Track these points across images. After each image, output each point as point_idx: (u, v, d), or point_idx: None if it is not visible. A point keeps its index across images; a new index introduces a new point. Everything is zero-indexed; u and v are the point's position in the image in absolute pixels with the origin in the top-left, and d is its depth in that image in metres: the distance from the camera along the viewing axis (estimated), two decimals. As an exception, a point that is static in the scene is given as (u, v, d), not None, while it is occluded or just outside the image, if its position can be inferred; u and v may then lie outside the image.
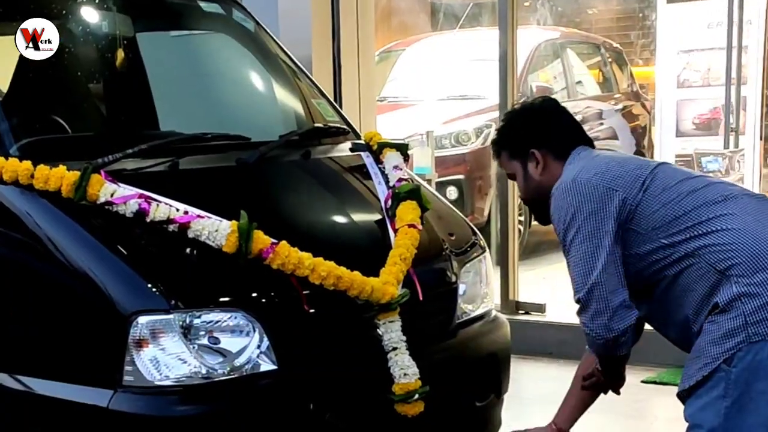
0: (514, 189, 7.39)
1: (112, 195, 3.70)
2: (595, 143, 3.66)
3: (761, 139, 10.37)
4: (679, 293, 3.14)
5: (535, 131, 3.45)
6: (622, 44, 13.22)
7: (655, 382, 6.01)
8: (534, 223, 10.31)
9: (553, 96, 11.07)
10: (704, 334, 3.06)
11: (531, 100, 3.65)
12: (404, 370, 3.79)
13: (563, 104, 3.55)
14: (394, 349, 3.81)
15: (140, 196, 3.72)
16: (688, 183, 3.21)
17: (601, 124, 11.41)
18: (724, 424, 3.01)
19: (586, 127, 11.49)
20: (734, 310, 2.99)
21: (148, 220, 3.68)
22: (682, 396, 3.18)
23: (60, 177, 3.70)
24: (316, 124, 4.84)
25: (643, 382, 6.03)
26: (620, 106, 11.93)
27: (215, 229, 3.66)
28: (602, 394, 3.68)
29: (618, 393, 3.70)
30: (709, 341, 3.03)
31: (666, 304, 3.18)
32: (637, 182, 3.19)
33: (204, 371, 3.55)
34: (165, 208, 3.70)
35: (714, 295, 3.04)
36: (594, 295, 3.16)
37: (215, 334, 3.59)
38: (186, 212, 3.71)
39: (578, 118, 11.46)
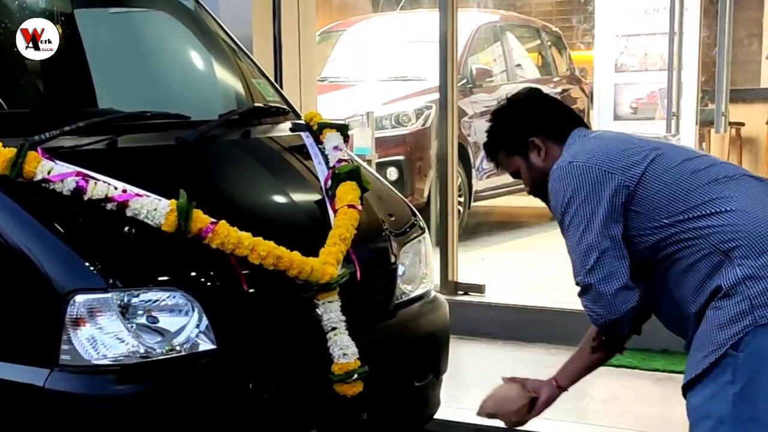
0: (453, 170, 7.41)
1: (49, 172, 3.67)
2: None
3: (697, 124, 10.48)
4: (679, 273, 3.10)
5: (531, 119, 3.40)
6: (563, 28, 13.30)
7: (591, 363, 6.06)
8: (474, 203, 10.37)
9: (491, 80, 11.13)
10: (707, 320, 3.01)
11: (514, 93, 3.58)
12: (343, 350, 3.80)
13: (505, 86, 3.55)
14: (334, 329, 3.81)
15: (78, 173, 3.68)
16: (690, 163, 3.17)
17: (541, 107, 11.46)
18: (733, 412, 2.95)
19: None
20: (739, 294, 2.95)
21: (85, 198, 3.65)
22: (686, 388, 3.14)
23: (-4, 154, 3.65)
24: (256, 104, 4.82)
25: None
26: (559, 89, 12.00)
27: (154, 208, 3.64)
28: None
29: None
30: (714, 327, 2.98)
31: (664, 283, 3.15)
32: (637, 163, 3.14)
33: (142, 350, 3.54)
34: (103, 187, 3.67)
35: (716, 277, 3.00)
36: (594, 277, 3.14)
37: (154, 314, 3.57)
38: (124, 191, 3.69)
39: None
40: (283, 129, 4.65)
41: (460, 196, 8.94)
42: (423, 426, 4.58)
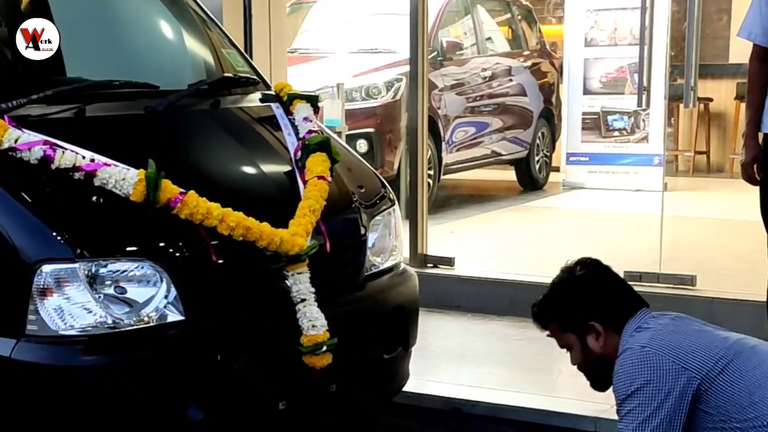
0: (423, 143, 7.41)
1: (16, 141, 3.64)
2: (504, 100, 3.61)
3: (666, 98, 10.52)
4: None
5: (594, 302, 3.28)
6: (533, 2, 13.29)
7: (559, 336, 6.09)
8: (444, 177, 10.39)
9: (462, 53, 11.11)
10: None
11: (574, 266, 3.43)
12: (312, 321, 3.80)
13: (475, 59, 3.47)
14: (303, 300, 3.81)
15: (45, 142, 3.66)
16: (765, 367, 3.09)
17: (510, 80, 11.49)
18: None
19: (495, 84, 11.57)
20: None
21: (53, 167, 3.62)
22: None
23: (-38, 122, 3.62)
24: (226, 74, 4.79)
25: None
26: (529, 63, 12.01)
27: (122, 178, 3.62)
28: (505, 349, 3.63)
29: None
30: None
31: None
32: (713, 362, 3.06)
33: (110, 321, 3.52)
34: (71, 156, 3.64)
35: None
36: None
37: (122, 284, 3.56)
38: (92, 160, 3.66)
39: (488, 74, 11.49)
40: (253, 99, 4.62)
41: (429, 169, 8.94)
42: (392, 398, 4.59)
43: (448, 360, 5.85)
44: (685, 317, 3.25)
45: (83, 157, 3.65)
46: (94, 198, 3.64)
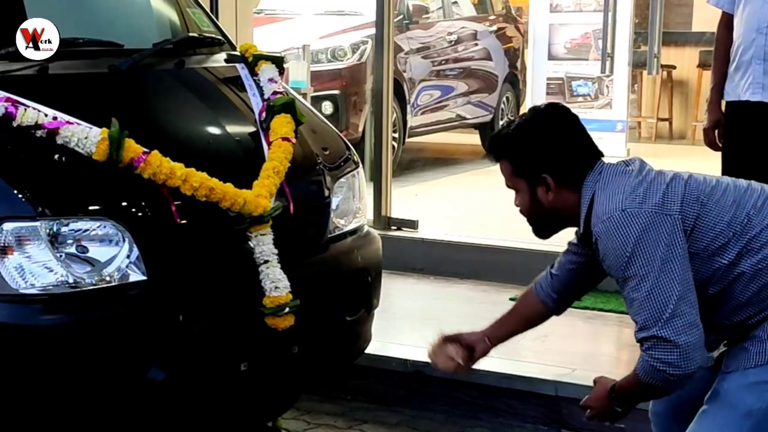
0: (388, 106, 7.40)
1: (-24, 98, 3.60)
2: (470, 64, 3.56)
3: (630, 65, 10.55)
4: (722, 301, 3.01)
5: (551, 154, 3.09)
6: (500, -34, 13.24)
7: (521, 300, 6.12)
8: (408, 140, 10.39)
9: (428, 16, 11.08)
10: None
11: (542, 108, 3.25)
12: (275, 283, 3.79)
13: (441, 23, 3.42)
14: (266, 262, 3.80)
15: (7, 99, 3.62)
16: (726, 193, 3.03)
17: (476, 44, 11.49)
18: (764, 408, 2.92)
19: (460, 48, 11.57)
20: None
21: (14, 124, 3.59)
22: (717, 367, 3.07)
23: None
24: (191, 34, 4.75)
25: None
26: (495, 27, 12.02)
27: (85, 136, 3.59)
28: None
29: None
30: None
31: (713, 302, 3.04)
32: (689, 197, 2.98)
33: (71, 280, 3.51)
34: (33, 113, 3.61)
35: None
36: (672, 328, 2.87)
37: (83, 243, 3.54)
38: (55, 118, 3.63)
39: (453, 38, 11.50)
40: (218, 60, 4.59)
41: (394, 131, 8.94)
42: (354, 360, 4.60)
43: (410, 322, 5.87)
44: (646, 164, 3.12)
45: (45, 115, 3.62)
46: (56, 156, 3.61)
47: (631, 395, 3.09)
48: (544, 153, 3.09)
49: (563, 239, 3.35)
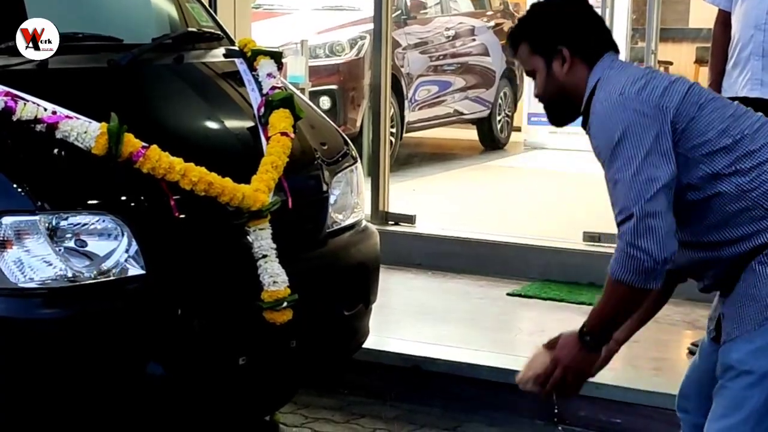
0: (386, 101, 7.41)
1: (-24, 92, 3.60)
2: (467, 59, 3.57)
3: (627, 61, 10.54)
4: (712, 222, 2.97)
5: (567, 27, 3.14)
6: (498, -39, 13.24)
7: (520, 295, 6.13)
8: (406, 135, 10.39)
9: (426, 12, 11.09)
10: (759, 276, 2.91)
11: None
12: (273, 277, 3.80)
13: (439, 19, 3.41)
14: (264, 256, 3.81)
15: (6, 93, 3.63)
16: (727, 107, 3.02)
17: (474, 40, 11.49)
18: None
19: (458, 43, 11.56)
20: None
21: (14, 119, 3.59)
22: (717, 339, 3.03)
23: None
24: (190, 29, 4.76)
25: (508, 294, 6.16)
26: (492, 23, 12.00)
27: (84, 131, 3.60)
28: (466, 309, 3.54)
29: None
30: (765, 284, 2.90)
31: (696, 225, 3.01)
32: (689, 99, 2.97)
33: (70, 274, 3.52)
34: (32, 108, 3.61)
35: (760, 232, 2.91)
36: (650, 210, 2.85)
37: (82, 237, 3.55)
38: (54, 112, 3.64)
39: (451, 33, 11.48)
40: (217, 55, 4.60)
41: (392, 126, 8.94)
42: (352, 355, 4.61)
43: (408, 317, 5.88)
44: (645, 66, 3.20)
45: (45, 110, 3.63)
46: (56, 151, 3.62)
47: (606, 320, 3.01)
48: (559, 23, 3.15)
49: (561, 236, 3.36)
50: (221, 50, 4.63)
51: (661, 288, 3.06)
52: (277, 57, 4.55)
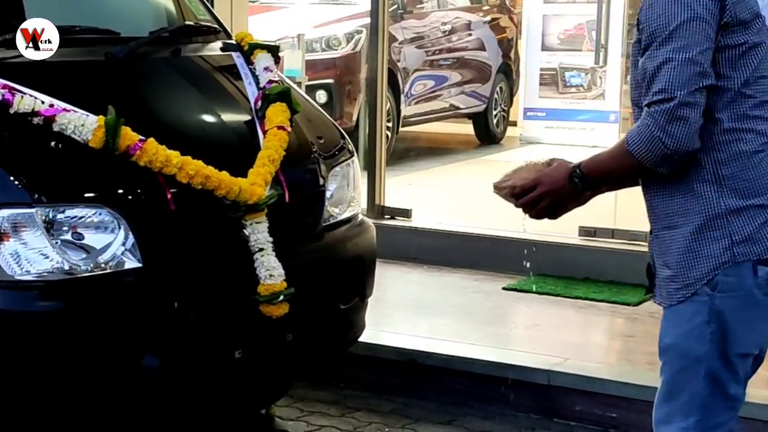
0: (383, 95, 7.41)
1: (-26, 85, 3.60)
2: (463, 54, 3.49)
3: (623, 56, 10.56)
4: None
5: None
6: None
7: (515, 290, 6.14)
8: (402, 129, 10.40)
9: (422, 6, 11.09)
10: (680, 241, 2.82)
11: None
12: (270, 271, 3.80)
13: (435, 13, 3.31)
14: (261, 250, 3.81)
15: (4, 86, 3.63)
16: None
17: (470, 35, 11.49)
18: (709, 351, 2.80)
19: (454, 38, 11.53)
20: (720, 228, 2.78)
21: (11, 111, 3.59)
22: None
23: None
24: (187, 22, 4.76)
25: (503, 289, 6.17)
26: (488, 18, 12.01)
27: (81, 124, 3.60)
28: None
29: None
30: (687, 259, 2.81)
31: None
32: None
33: (67, 267, 3.52)
34: (30, 100, 3.62)
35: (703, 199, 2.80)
36: (692, 101, 2.72)
37: (79, 230, 3.56)
38: (51, 105, 3.64)
39: (447, 28, 11.48)
40: (214, 48, 4.60)
41: (388, 121, 8.95)
42: (348, 348, 4.62)
43: (403, 311, 5.89)
44: None
45: (42, 102, 3.63)
46: (53, 143, 3.62)
47: (602, 174, 2.93)
48: None
49: (556, 231, 3.36)
50: (218, 44, 4.63)
51: None
52: (274, 51, 4.55)
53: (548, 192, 2.94)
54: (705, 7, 2.77)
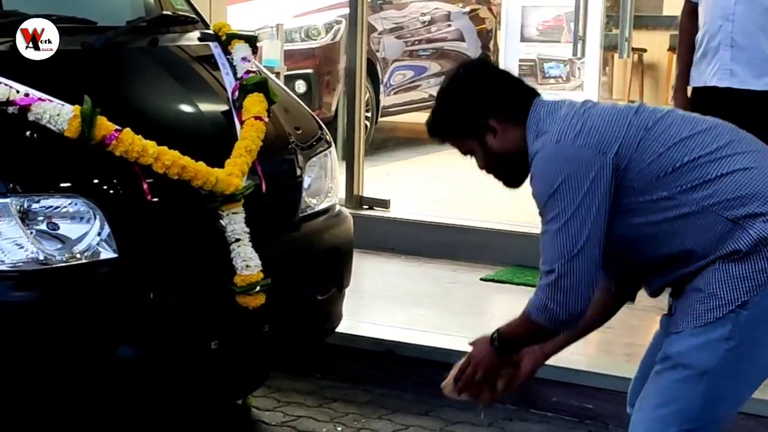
0: (362, 85, 7.40)
1: (-52, 74, 3.59)
2: (443, 45, 3.50)
3: (601, 48, 10.57)
4: (667, 239, 2.92)
5: (482, 99, 3.06)
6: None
7: (493, 280, 6.15)
8: (381, 119, 10.39)
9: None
10: (717, 271, 2.86)
11: (457, 70, 3.19)
12: (246, 261, 3.80)
13: (415, 4, 3.37)
14: (237, 240, 3.81)
15: (-22, 76, 3.61)
16: (679, 126, 2.96)
17: (449, 26, 11.48)
18: (718, 366, 2.84)
19: (433, 29, 11.52)
20: (757, 253, 2.82)
21: (-14, 101, 3.58)
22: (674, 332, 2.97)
23: None
24: (165, 12, 4.74)
25: (481, 279, 6.17)
26: (468, 8, 12.00)
27: (57, 113, 3.59)
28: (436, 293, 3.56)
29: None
30: (724, 282, 2.84)
31: (638, 247, 2.97)
32: (629, 135, 2.91)
33: (42, 257, 3.51)
34: (4, 89, 3.60)
35: (726, 241, 2.84)
36: (574, 267, 2.86)
37: (54, 220, 3.55)
38: (27, 94, 3.62)
39: (427, 18, 11.42)
40: (192, 38, 4.58)
41: (367, 111, 8.94)
42: (325, 339, 4.62)
43: (381, 301, 5.89)
44: (593, 102, 3.10)
45: (17, 92, 3.61)
46: (28, 133, 3.60)
47: (517, 338, 3.08)
48: (473, 101, 3.07)
49: (535, 222, 3.35)
50: (196, 34, 4.61)
51: (609, 300, 3.22)
52: (252, 41, 4.54)
53: (479, 362, 3.15)
54: (578, 159, 2.88)
